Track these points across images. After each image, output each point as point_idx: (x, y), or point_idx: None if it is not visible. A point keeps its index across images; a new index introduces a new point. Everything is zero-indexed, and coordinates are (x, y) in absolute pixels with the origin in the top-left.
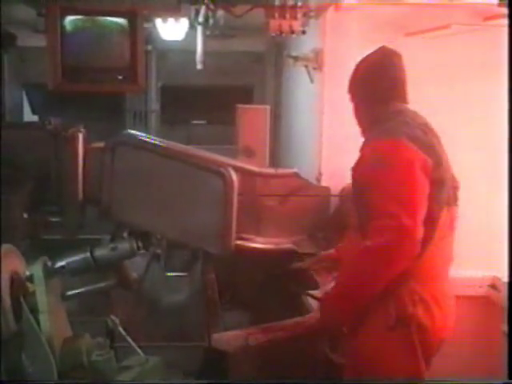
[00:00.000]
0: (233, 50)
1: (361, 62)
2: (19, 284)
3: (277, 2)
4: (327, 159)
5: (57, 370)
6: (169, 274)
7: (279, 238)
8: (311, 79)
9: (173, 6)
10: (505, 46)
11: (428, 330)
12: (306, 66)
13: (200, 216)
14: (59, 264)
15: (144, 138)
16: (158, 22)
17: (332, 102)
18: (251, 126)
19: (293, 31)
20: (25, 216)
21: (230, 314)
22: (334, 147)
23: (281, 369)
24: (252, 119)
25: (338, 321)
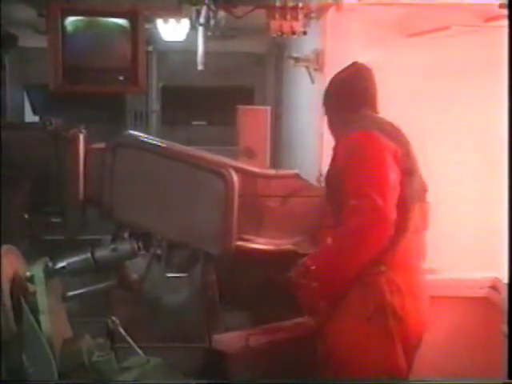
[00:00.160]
0: (234, 51)
1: (334, 77)
2: (20, 284)
3: (278, 3)
4: (328, 160)
5: (57, 370)
6: (169, 274)
7: (280, 239)
8: (312, 80)
9: (174, 6)
10: (505, 46)
11: (404, 319)
12: (307, 67)
13: (200, 217)
14: (60, 264)
15: (145, 139)
16: (159, 23)
17: None
18: (252, 127)
19: (294, 32)
20: (25, 216)
21: (230, 314)
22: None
23: (281, 370)
24: (253, 120)
25: (315, 303)
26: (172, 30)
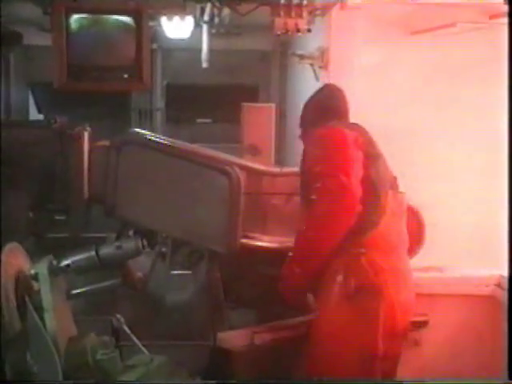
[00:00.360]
0: (238, 49)
1: (310, 98)
2: (24, 282)
3: (282, 1)
4: None
5: (61, 368)
6: (174, 272)
7: (285, 237)
8: (317, 77)
9: (178, 4)
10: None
11: (388, 299)
12: (312, 64)
13: (205, 214)
14: (64, 263)
15: (149, 137)
16: (164, 21)
17: None
18: (256, 125)
19: (298, 29)
20: (30, 214)
21: (235, 312)
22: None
23: (286, 367)
24: (257, 117)
25: (295, 285)
26: (176, 27)
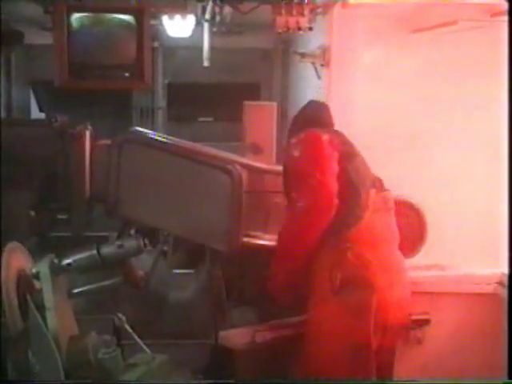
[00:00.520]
0: (239, 47)
1: (298, 112)
2: (26, 281)
3: None
4: None
5: (63, 367)
6: (175, 271)
7: None
8: (318, 75)
9: (179, 2)
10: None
11: (378, 292)
12: (313, 63)
13: (207, 213)
14: (66, 261)
15: (151, 136)
16: (165, 19)
17: (339, 98)
18: (258, 123)
19: (300, 28)
20: (31, 213)
21: (236, 311)
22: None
23: (287, 365)
24: (259, 116)
25: (281, 283)
26: (178, 26)
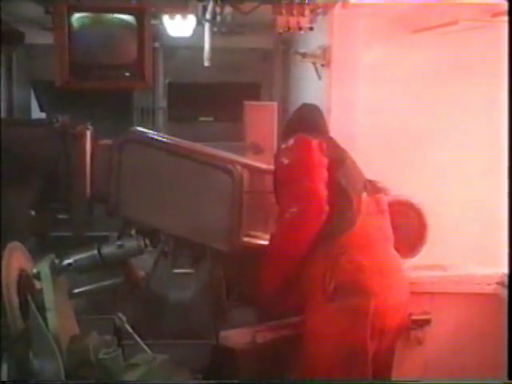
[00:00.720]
0: (240, 47)
1: (292, 115)
2: (26, 282)
3: None
4: None
5: (64, 367)
6: (176, 271)
7: None
8: (319, 76)
9: (180, 2)
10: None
11: (373, 296)
12: (314, 63)
13: (208, 213)
14: (66, 261)
15: (152, 136)
16: (166, 19)
17: (339, 98)
18: (259, 123)
19: (300, 28)
20: (32, 213)
21: (237, 311)
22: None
23: (287, 365)
24: (259, 116)
25: (271, 289)
26: (178, 26)
